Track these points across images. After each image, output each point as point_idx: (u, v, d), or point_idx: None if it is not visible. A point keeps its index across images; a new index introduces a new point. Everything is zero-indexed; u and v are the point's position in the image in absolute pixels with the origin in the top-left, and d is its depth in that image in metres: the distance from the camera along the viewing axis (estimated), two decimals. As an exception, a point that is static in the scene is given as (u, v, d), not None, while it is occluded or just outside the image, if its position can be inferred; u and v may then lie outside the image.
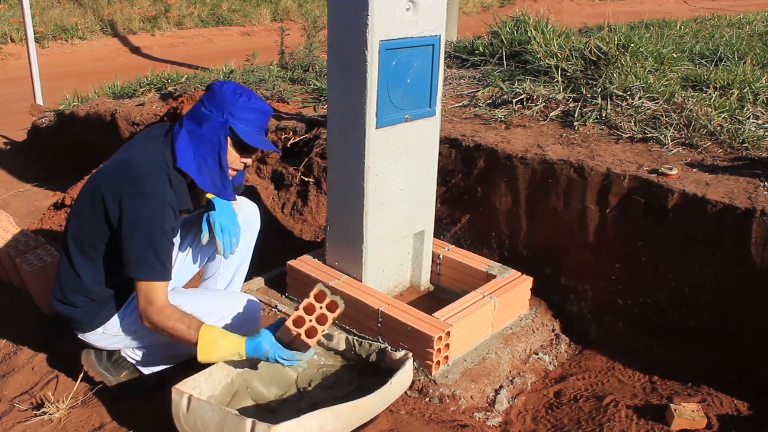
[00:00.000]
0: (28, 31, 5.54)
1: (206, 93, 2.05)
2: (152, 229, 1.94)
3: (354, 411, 1.95)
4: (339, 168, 2.57)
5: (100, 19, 9.97)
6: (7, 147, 5.26)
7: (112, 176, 2.00)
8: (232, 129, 2.01)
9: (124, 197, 1.94)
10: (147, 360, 2.26)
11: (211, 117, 2.00)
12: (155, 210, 1.94)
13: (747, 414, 2.27)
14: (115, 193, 1.96)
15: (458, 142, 3.18)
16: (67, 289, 2.11)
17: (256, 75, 4.49)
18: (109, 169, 2.04)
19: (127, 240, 1.94)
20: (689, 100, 3.33)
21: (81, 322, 2.14)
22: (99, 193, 1.99)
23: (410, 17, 2.35)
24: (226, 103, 2.00)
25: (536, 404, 2.41)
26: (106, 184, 1.99)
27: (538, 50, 4.14)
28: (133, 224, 1.93)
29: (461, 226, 3.21)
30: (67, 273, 2.11)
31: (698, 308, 2.56)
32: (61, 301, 2.13)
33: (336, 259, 2.74)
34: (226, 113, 2.00)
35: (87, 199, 2.04)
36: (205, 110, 2.01)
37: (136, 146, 2.07)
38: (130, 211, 1.93)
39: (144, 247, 1.94)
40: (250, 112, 2.03)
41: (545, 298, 2.95)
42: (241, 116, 2.02)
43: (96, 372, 2.21)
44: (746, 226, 2.41)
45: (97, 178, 2.06)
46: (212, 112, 2.00)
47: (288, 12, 11.62)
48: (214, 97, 2.01)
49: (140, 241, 1.93)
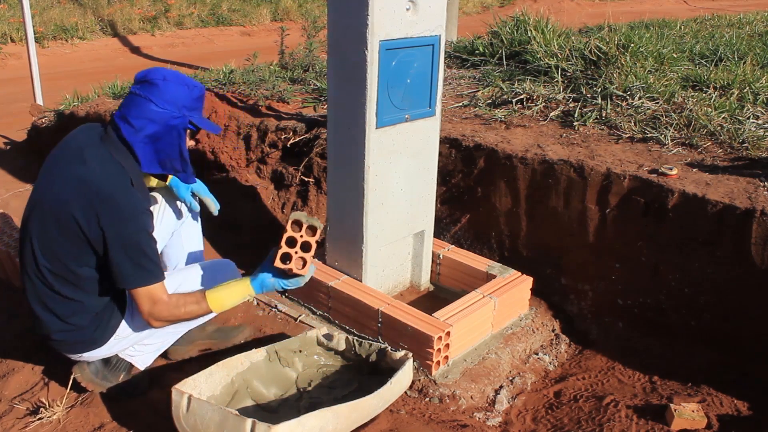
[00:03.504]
0: (28, 31, 5.53)
1: (148, 89, 1.97)
2: (139, 240, 1.93)
3: (354, 411, 1.95)
4: (339, 168, 2.57)
5: (100, 19, 9.97)
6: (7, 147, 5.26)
7: (77, 196, 1.90)
8: (191, 122, 2.04)
9: (101, 217, 1.89)
10: (147, 350, 2.26)
11: (166, 114, 1.98)
12: (135, 222, 1.94)
13: (747, 414, 2.27)
14: (88, 215, 1.89)
15: (458, 142, 3.18)
16: (68, 315, 2.03)
17: (256, 75, 4.48)
18: (67, 190, 1.92)
19: (118, 256, 1.92)
20: (689, 100, 3.33)
21: (92, 340, 2.08)
22: (68, 215, 1.90)
23: (410, 17, 2.35)
24: (177, 98, 1.99)
25: (536, 404, 2.41)
26: (75, 206, 1.90)
27: (538, 50, 4.13)
28: (119, 242, 1.91)
29: (461, 226, 3.21)
30: (60, 305, 2.02)
31: (698, 308, 2.56)
32: (63, 330, 2.05)
33: (336, 259, 2.74)
34: (181, 108, 1.99)
35: (52, 226, 1.94)
36: (157, 108, 1.96)
37: (85, 157, 1.95)
38: (112, 230, 1.90)
39: (137, 259, 1.93)
40: (197, 101, 2.05)
41: (545, 298, 2.95)
42: (194, 106, 2.04)
43: (95, 384, 2.19)
44: (746, 226, 2.41)
45: (56, 203, 1.94)
46: (166, 109, 1.97)
47: (288, 12, 11.61)
48: (162, 93, 1.97)
49: (133, 254, 1.92)
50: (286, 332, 2.60)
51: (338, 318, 2.66)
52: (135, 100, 1.98)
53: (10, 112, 6.01)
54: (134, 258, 1.93)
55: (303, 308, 2.77)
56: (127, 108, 1.98)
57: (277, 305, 2.78)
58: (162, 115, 1.97)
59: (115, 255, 1.92)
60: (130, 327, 2.13)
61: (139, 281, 1.94)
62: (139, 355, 2.25)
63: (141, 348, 2.24)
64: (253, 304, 2.81)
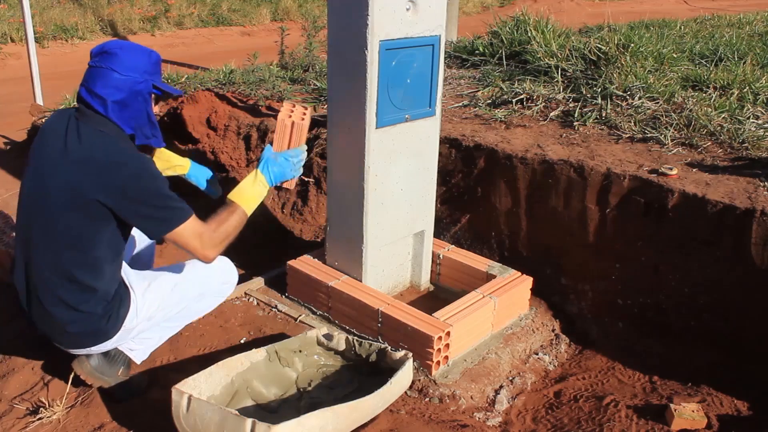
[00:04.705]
0: (28, 31, 5.53)
1: (108, 59, 2.00)
2: (158, 186, 2.00)
3: (354, 411, 1.95)
4: (339, 168, 2.57)
5: (100, 19, 9.96)
6: (7, 147, 5.25)
7: (86, 176, 1.93)
8: (155, 86, 2.08)
9: (119, 185, 1.93)
10: (147, 344, 2.28)
11: (130, 80, 2.00)
12: (147, 173, 2.00)
13: (747, 414, 2.27)
14: (106, 188, 1.93)
15: (458, 142, 3.18)
16: (81, 302, 2.03)
17: (256, 75, 4.48)
18: (75, 174, 1.95)
19: (147, 210, 1.98)
20: (689, 100, 3.33)
21: (104, 331, 2.08)
22: (83, 197, 1.93)
23: (410, 17, 2.35)
24: (138, 64, 2.02)
25: (536, 404, 2.41)
26: (89, 185, 1.92)
27: (538, 50, 4.13)
28: (143, 197, 1.97)
29: (461, 226, 3.21)
30: (75, 294, 2.02)
31: (698, 308, 2.56)
32: (77, 321, 2.04)
33: (336, 259, 2.74)
34: (143, 74, 2.03)
35: (64, 214, 1.96)
36: (120, 76, 1.99)
37: (74, 139, 1.98)
38: (131, 187, 1.95)
39: (164, 202, 2.00)
40: (156, 65, 2.10)
41: (545, 298, 2.95)
42: (154, 70, 2.08)
43: (94, 378, 2.19)
44: (746, 226, 2.41)
45: (65, 191, 1.95)
46: (129, 75, 2.00)
47: (288, 12, 11.60)
48: (122, 61, 2.00)
49: (158, 201, 1.99)
50: (286, 332, 2.60)
51: (338, 318, 2.66)
52: (98, 72, 1.99)
53: (10, 112, 6.01)
54: (161, 203, 1.99)
55: (303, 308, 2.77)
56: (92, 81, 2.00)
57: (277, 305, 2.78)
58: (126, 81, 2.00)
59: (141, 207, 1.97)
60: (136, 318, 2.14)
61: (176, 221, 2.00)
62: (138, 348, 2.26)
63: (140, 341, 2.26)
64: (253, 304, 2.81)
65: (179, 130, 3.92)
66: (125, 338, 2.19)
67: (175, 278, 2.27)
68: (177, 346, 2.47)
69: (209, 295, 2.40)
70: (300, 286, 2.78)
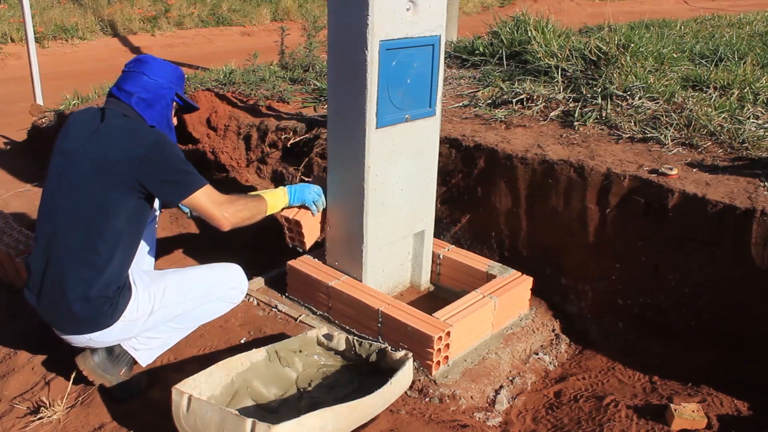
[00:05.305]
0: (28, 31, 5.53)
1: (140, 65, 2.26)
2: (177, 152, 2.18)
3: (354, 411, 1.96)
4: (339, 168, 2.57)
5: (100, 19, 9.96)
6: (7, 147, 5.25)
7: (112, 144, 2.10)
8: (178, 94, 2.32)
9: (141, 150, 2.09)
10: (152, 345, 2.28)
11: (157, 84, 2.25)
12: (170, 145, 2.18)
13: (747, 414, 2.27)
14: (127, 154, 2.08)
15: (458, 142, 3.18)
16: (96, 278, 2.06)
17: (257, 75, 4.48)
18: (111, 145, 2.11)
19: (167, 174, 2.13)
20: (689, 100, 3.33)
21: (105, 317, 2.09)
22: (107, 168, 2.08)
23: (410, 17, 2.35)
24: (166, 73, 2.28)
25: (536, 404, 2.41)
26: (113, 154, 2.08)
27: (538, 50, 4.13)
28: (164, 160, 2.13)
29: (461, 226, 3.21)
30: (91, 270, 2.06)
31: (698, 308, 2.56)
32: (84, 299, 2.05)
33: (336, 259, 2.74)
34: (169, 81, 2.28)
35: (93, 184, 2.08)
36: (149, 79, 2.23)
37: (108, 116, 2.18)
38: (154, 154, 2.10)
39: (184, 167, 2.16)
40: (180, 79, 2.35)
41: (545, 298, 2.95)
42: (179, 83, 2.33)
43: (96, 375, 2.20)
44: (746, 226, 2.41)
45: (92, 158, 2.09)
46: (157, 80, 2.25)
47: (288, 12, 11.61)
48: (152, 68, 2.26)
49: (179, 165, 2.15)
50: (286, 332, 2.60)
51: (338, 318, 2.66)
52: (130, 75, 2.24)
53: (10, 112, 6.01)
54: (182, 167, 2.15)
55: (303, 308, 2.77)
56: (123, 81, 2.24)
57: (277, 305, 2.78)
58: (153, 84, 2.24)
59: (166, 175, 2.13)
60: (136, 311, 2.15)
61: (195, 185, 2.14)
62: (143, 349, 2.26)
63: (145, 341, 2.27)
64: (254, 304, 2.81)
65: (179, 130, 3.92)
66: (128, 333, 2.19)
67: (180, 277, 2.33)
68: (177, 346, 2.47)
69: (216, 299, 2.40)
70: (300, 286, 2.79)
